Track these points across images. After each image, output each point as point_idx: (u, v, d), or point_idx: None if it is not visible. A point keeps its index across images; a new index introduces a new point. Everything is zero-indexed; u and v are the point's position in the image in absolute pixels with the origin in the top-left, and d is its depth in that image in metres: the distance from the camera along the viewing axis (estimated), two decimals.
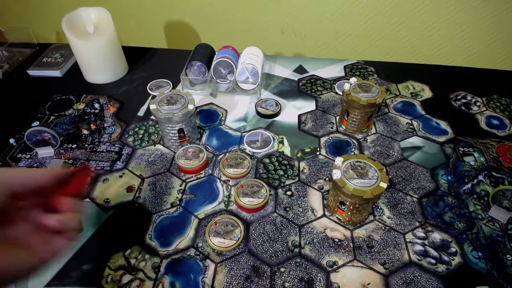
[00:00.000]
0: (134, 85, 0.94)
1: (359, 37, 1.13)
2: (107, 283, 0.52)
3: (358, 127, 0.76)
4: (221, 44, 0.96)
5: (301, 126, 0.80)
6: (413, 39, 1.09)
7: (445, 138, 0.76)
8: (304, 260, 0.55)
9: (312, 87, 0.92)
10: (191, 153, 0.70)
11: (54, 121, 0.82)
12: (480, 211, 0.62)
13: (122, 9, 1.22)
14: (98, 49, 0.89)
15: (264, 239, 0.58)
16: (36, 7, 1.28)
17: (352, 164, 0.56)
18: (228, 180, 0.68)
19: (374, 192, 0.52)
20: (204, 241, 0.58)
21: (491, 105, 0.86)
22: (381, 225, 0.60)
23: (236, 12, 1.16)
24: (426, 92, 0.90)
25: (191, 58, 0.90)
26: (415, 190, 0.66)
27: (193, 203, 0.64)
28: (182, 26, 1.24)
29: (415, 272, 0.53)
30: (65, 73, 0.99)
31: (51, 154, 0.74)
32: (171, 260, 0.55)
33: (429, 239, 0.58)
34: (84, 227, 0.60)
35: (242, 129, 0.79)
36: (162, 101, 0.70)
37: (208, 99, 0.89)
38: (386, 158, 0.72)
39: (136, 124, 0.81)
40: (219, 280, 0.52)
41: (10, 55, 1.04)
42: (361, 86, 0.73)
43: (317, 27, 1.13)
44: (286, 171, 0.69)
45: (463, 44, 1.06)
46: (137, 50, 1.08)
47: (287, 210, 0.62)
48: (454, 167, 0.70)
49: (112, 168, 0.70)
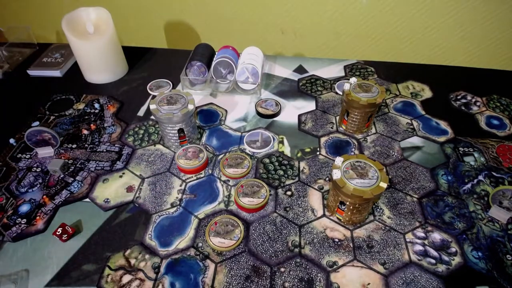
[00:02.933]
0: (134, 85, 0.94)
1: (359, 37, 1.13)
2: (107, 283, 0.52)
3: (358, 127, 0.76)
4: (221, 44, 0.96)
5: (301, 126, 0.80)
6: (413, 39, 1.09)
7: (445, 138, 0.76)
8: (304, 260, 0.55)
9: (312, 87, 0.92)
10: (191, 153, 0.70)
11: (54, 121, 0.82)
12: (480, 211, 0.62)
13: (122, 9, 1.22)
14: (98, 49, 0.89)
15: (264, 239, 0.58)
16: (36, 7, 1.28)
17: (352, 164, 0.56)
18: (228, 180, 0.68)
19: (374, 192, 0.52)
20: (204, 241, 0.58)
21: (491, 105, 0.86)
22: (381, 225, 0.60)
23: (236, 12, 1.16)
24: (426, 92, 0.90)
25: (191, 58, 0.90)
26: (415, 190, 0.66)
27: (193, 203, 0.64)
28: (182, 26, 1.24)
29: (415, 272, 0.53)
30: (65, 73, 0.99)
31: (51, 154, 0.74)
32: (171, 260, 0.55)
33: (429, 239, 0.58)
34: (84, 227, 0.60)
35: (242, 129, 0.79)
36: (162, 101, 0.70)
37: (208, 99, 0.89)
38: (386, 158, 0.72)
39: (136, 124, 0.81)
40: (219, 280, 0.52)
41: (10, 55, 1.04)
42: (361, 86, 0.73)
43: (317, 27, 1.13)
44: (286, 171, 0.69)
45: (463, 44, 1.06)
46: (137, 50, 1.08)
47: (287, 210, 0.62)
48: (454, 167, 0.70)
49: (112, 168, 0.70)
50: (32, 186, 0.67)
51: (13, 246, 0.58)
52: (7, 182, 0.68)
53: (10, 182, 0.68)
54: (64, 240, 0.58)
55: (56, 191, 0.66)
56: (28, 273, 0.54)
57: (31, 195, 0.65)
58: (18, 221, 0.61)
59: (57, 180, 0.68)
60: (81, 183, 0.67)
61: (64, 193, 0.66)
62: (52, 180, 0.68)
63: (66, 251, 0.57)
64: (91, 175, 0.69)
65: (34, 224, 0.61)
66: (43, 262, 0.55)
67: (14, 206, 0.64)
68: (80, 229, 0.60)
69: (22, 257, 0.56)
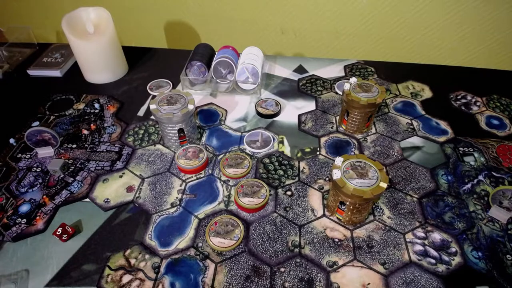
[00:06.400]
0: (134, 85, 0.94)
1: (359, 37, 1.13)
2: (107, 283, 0.52)
3: (358, 127, 0.76)
4: (221, 44, 0.96)
5: (301, 126, 0.80)
6: (413, 39, 1.09)
7: (445, 138, 0.76)
8: (304, 260, 0.55)
9: (312, 87, 0.92)
10: (191, 153, 0.70)
11: (54, 121, 0.82)
12: (480, 211, 0.62)
13: (122, 9, 1.22)
14: (98, 49, 0.89)
15: (264, 239, 0.58)
16: (37, 7, 1.28)
17: (352, 164, 0.56)
18: (228, 180, 0.68)
19: (374, 192, 0.52)
20: (204, 241, 0.58)
21: (491, 105, 0.86)
22: (381, 225, 0.60)
23: (236, 12, 1.16)
24: (426, 92, 0.90)
25: (191, 58, 0.90)
26: (415, 190, 0.65)
27: (193, 203, 0.64)
28: (182, 26, 1.24)
29: (415, 272, 0.53)
30: (65, 73, 0.99)
31: (51, 154, 0.74)
32: (171, 260, 0.55)
33: (429, 239, 0.58)
34: (84, 227, 0.60)
35: (242, 129, 0.79)
36: (162, 101, 0.70)
37: (208, 99, 0.89)
38: (386, 158, 0.72)
39: (136, 124, 0.81)
40: (219, 280, 0.52)
41: (10, 55, 1.04)
42: (361, 86, 0.73)
43: (317, 27, 1.13)
44: (286, 171, 0.69)
45: (463, 44, 1.06)
46: (137, 50, 1.08)
47: (287, 210, 0.62)
48: (454, 167, 0.70)
49: (112, 168, 0.70)
50: (32, 186, 0.67)
51: (13, 246, 0.58)
52: (7, 182, 0.68)
53: (10, 182, 0.68)
54: (64, 240, 0.58)
55: (56, 191, 0.66)
56: (28, 273, 0.54)
57: (31, 195, 0.65)
58: (18, 221, 0.61)
59: (57, 180, 0.68)
60: (81, 183, 0.67)
61: (64, 193, 0.66)
62: (52, 180, 0.68)
63: (66, 251, 0.57)
64: (91, 175, 0.69)
65: (34, 224, 0.61)
66: (43, 262, 0.55)
67: (14, 206, 0.63)
68: (80, 229, 0.60)
69: (22, 257, 0.56)
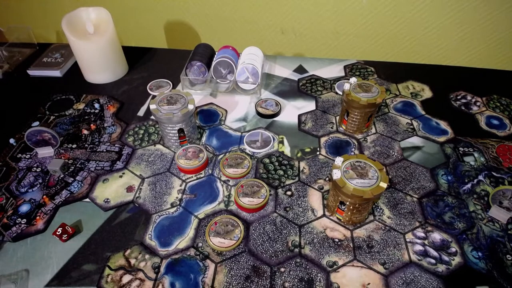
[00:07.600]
0: (134, 85, 0.94)
1: (359, 37, 1.12)
2: (107, 283, 0.52)
3: (358, 127, 0.76)
4: (221, 44, 0.96)
5: (301, 126, 0.80)
6: (413, 39, 1.09)
7: (445, 138, 0.76)
8: (304, 260, 0.55)
9: (312, 87, 0.92)
10: (191, 153, 0.70)
11: (54, 121, 0.82)
12: (480, 211, 0.62)
13: (122, 9, 1.21)
14: (98, 49, 0.89)
15: (264, 239, 0.58)
16: (37, 7, 1.28)
17: (352, 164, 0.56)
18: (228, 180, 0.68)
19: (374, 192, 0.52)
20: (204, 241, 0.58)
21: (491, 105, 0.86)
22: (381, 225, 0.60)
23: (236, 12, 1.16)
24: (426, 92, 0.90)
25: (191, 58, 0.90)
26: (415, 190, 0.65)
27: (193, 203, 0.64)
28: (182, 26, 1.24)
29: (415, 272, 0.53)
30: (65, 73, 0.99)
31: (51, 154, 0.74)
32: (171, 260, 0.55)
33: (429, 239, 0.58)
34: (84, 227, 0.60)
35: (242, 129, 0.79)
36: (162, 101, 0.70)
37: (208, 99, 0.89)
38: (386, 158, 0.72)
39: (136, 124, 0.81)
40: (219, 280, 0.52)
41: (10, 55, 1.04)
42: (361, 86, 0.73)
43: (317, 27, 1.13)
44: (286, 171, 0.69)
45: (463, 44, 1.06)
46: (137, 50, 1.08)
47: (287, 210, 0.62)
48: (454, 167, 0.70)
49: (112, 168, 0.70)
50: (32, 186, 0.67)
51: (13, 246, 0.58)
52: (7, 182, 0.68)
53: (10, 182, 0.68)
54: (64, 240, 0.58)
55: (56, 191, 0.66)
56: (28, 273, 0.54)
57: (31, 195, 0.65)
58: (18, 221, 0.61)
59: (57, 180, 0.68)
60: (81, 183, 0.67)
61: (64, 193, 0.66)
62: (52, 180, 0.68)
63: (66, 251, 0.57)
64: (91, 175, 0.69)
65: (34, 224, 0.61)
66: (43, 262, 0.55)
67: (14, 206, 0.64)
68: (80, 229, 0.60)
69: (22, 257, 0.56)
